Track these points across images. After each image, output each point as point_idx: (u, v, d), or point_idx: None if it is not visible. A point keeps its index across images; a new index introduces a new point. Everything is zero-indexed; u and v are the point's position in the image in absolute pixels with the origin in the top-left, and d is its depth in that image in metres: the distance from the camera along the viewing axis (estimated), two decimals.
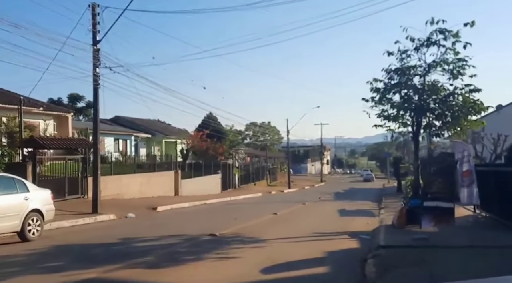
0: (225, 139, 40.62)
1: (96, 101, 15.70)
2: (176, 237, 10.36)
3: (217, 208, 20.79)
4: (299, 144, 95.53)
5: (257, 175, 44.53)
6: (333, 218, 16.13)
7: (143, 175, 24.21)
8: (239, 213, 18.03)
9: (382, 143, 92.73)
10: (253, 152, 61.30)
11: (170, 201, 21.87)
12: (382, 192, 35.03)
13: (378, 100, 13.87)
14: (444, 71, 12.89)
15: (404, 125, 14.29)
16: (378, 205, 22.21)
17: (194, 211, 18.93)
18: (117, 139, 33.56)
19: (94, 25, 15.36)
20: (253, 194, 32.86)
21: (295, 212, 18.46)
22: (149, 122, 41.61)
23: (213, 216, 16.73)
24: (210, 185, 31.95)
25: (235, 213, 18.01)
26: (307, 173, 77.02)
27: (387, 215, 16.55)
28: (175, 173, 27.04)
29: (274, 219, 15.22)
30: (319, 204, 23.16)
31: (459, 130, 13.21)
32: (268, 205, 22.30)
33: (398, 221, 12.37)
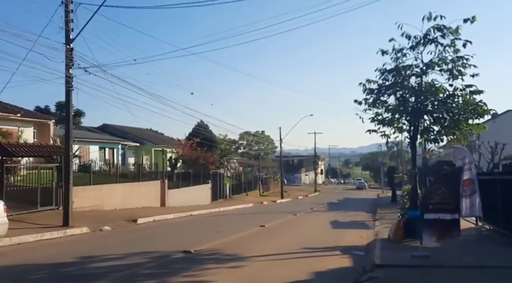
0: (216, 148, 39.31)
1: (68, 105, 14.43)
2: (145, 255, 9.03)
3: (202, 219, 19.43)
4: (294, 154, 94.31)
5: (250, 185, 43.17)
6: (325, 230, 14.85)
7: (126, 185, 22.81)
8: (225, 225, 16.71)
9: (376, 153, 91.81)
10: (246, 161, 59.98)
11: (153, 212, 20.48)
12: (376, 202, 33.81)
13: (372, 102, 12.76)
14: (443, 71, 11.80)
15: (400, 130, 13.16)
16: (372, 216, 20.96)
17: (177, 223, 17.56)
18: (103, 148, 32.17)
19: (67, 23, 14.16)
20: (244, 204, 31.47)
21: (285, 224, 17.15)
22: (139, 131, 40.29)
23: (195, 228, 15.38)
24: (199, 195, 30.55)
25: (220, 225, 16.67)
26: (301, 182, 75.67)
27: (383, 227, 15.30)
28: (161, 183, 25.66)
29: (261, 232, 13.91)
30: (311, 215, 21.86)
31: (459, 135, 12.06)
32: (257, 216, 20.97)
33: (395, 234, 11.13)
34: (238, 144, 74.17)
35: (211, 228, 15.03)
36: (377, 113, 12.93)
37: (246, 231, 13.90)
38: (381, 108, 12.86)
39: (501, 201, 10.92)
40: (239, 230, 13.98)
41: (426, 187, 12.68)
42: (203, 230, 14.33)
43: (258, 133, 72.98)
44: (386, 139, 13.40)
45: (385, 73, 12.44)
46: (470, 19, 11.09)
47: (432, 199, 8.72)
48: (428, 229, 8.70)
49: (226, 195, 35.65)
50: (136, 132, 39.46)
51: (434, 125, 12.41)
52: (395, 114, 12.63)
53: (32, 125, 24.51)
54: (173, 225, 16.91)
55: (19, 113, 21.96)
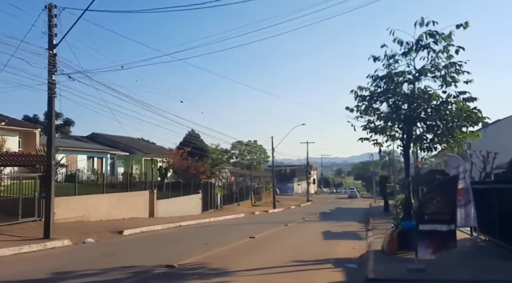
0: (207, 157, 38.75)
1: (51, 112, 13.88)
2: (124, 270, 8.47)
3: (191, 230, 18.82)
4: (287, 163, 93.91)
5: (241, 195, 42.54)
6: (317, 241, 14.35)
7: (113, 195, 22.16)
8: (214, 236, 16.15)
9: (368, 162, 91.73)
10: (239, 171, 59.40)
11: (141, 223, 19.84)
12: (368, 212, 33.40)
13: (364, 110, 12.40)
14: (436, 78, 11.51)
15: (393, 139, 12.80)
16: (365, 226, 20.52)
17: (164, 235, 16.94)
18: (91, 157, 31.48)
19: (50, 28, 13.69)
20: (235, 214, 30.86)
21: (276, 235, 16.62)
22: (129, 140, 39.61)
23: (182, 240, 14.78)
24: (189, 205, 29.90)
25: (209, 236, 16.12)
26: (294, 192, 75.13)
27: (376, 237, 14.86)
28: (149, 193, 25.01)
29: (250, 244, 13.37)
30: (302, 226, 21.35)
31: (452, 143, 11.73)
32: (248, 227, 20.40)
33: (389, 246, 10.69)
34: (230, 154, 73.60)
35: (199, 239, 14.45)
36: (369, 121, 12.57)
37: (235, 242, 13.36)
38: (373, 115, 12.51)
39: (497, 211, 10.57)
40: (228, 242, 13.43)
41: (420, 197, 12.30)
42: (191, 242, 13.76)
43: (251, 143, 72.52)
44: (379, 147, 13.02)
45: (377, 80, 12.12)
46: (462, 25, 10.85)
47: (427, 209, 8.31)
48: (423, 240, 8.27)
49: (217, 205, 35.01)
50: (126, 141, 38.79)
51: (427, 133, 12.07)
52: (388, 121, 12.28)
53: (17, 134, 23.84)
54: (160, 236, 16.29)
55: (3, 121, 21.30)
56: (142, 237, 15.96)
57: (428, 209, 8.30)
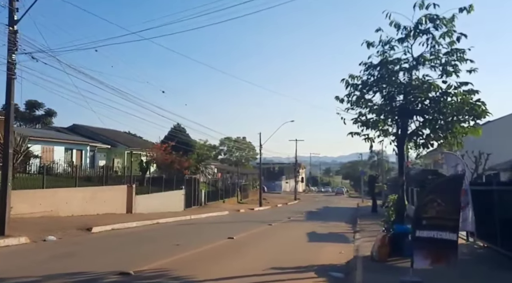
0: (192, 152, 37.27)
1: (9, 94, 12.32)
2: (70, 278, 7.09)
3: (167, 229, 17.45)
4: (276, 161, 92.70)
5: (227, 192, 41.19)
6: (300, 244, 13.09)
7: (88, 189, 20.64)
8: (189, 236, 14.81)
9: (356, 162, 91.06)
10: (226, 167, 57.99)
11: (116, 219, 18.38)
12: (356, 212, 32.34)
13: (355, 101, 11.13)
14: (435, 67, 10.29)
15: (385, 134, 11.54)
16: (352, 228, 19.36)
17: (136, 233, 15.54)
18: (70, 149, 29.77)
19: (12, 1, 12.18)
20: (219, 212, 29.51)
21: (257, 235, 15.33)
22: (112, 133, 37.94)
23: (153, 240, 13.40)
24: (172, 201, 28.47)
25: (184, 236, 14.78)
26: (282, 190, 73.99)
27: (364, 241, 13.67)
28: (128, 188, 23.53)
29: (227, 246, 12.05)
30: (287, 226, 20.09)
31: (451, 139, 10.52)
32: (229, 226, 19.09)
33: (379, 252, 9.47)
34: (219, 150, 72.20)
35: (172, 239, 13.08)
36: (361, 113, 11.30)
37: (211, 244, 12.03)
38: (365, 107, 11.25)
39: (499, 215, 9.42)
40: (203, 243, 12.09)
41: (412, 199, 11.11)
42: (162, 242, 12.38)
43: (239, 139, 71.17)
44: (370, 143, 11.73)
45: (371, 68, 10.86)
46: (466, 8, 9.64)
47: (426, 213, 7.08)
48: (421, 250, 7.04)
49: (201, 202, 33.62)
50: (108, 134, 37.11)
51: (424, 128, 10.85)
52: (381, 114, 11.03)
53: None
54: (132, 235, 14.89)
55: None
56: (111, 236, 14.54)
57: (426, 212, 7.07)
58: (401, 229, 10.16)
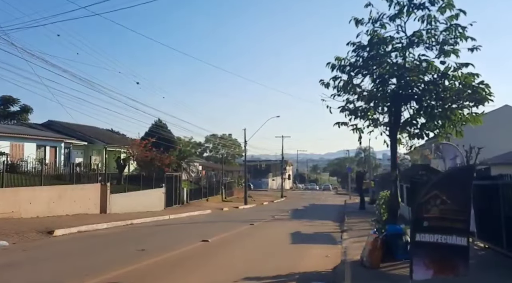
0: (174, 149, 35.69)
1: None
2: None
3: (139, 230, 15.98)
4: (264, 159, 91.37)
5: (211, 190, 39.72)
6: (282, 247, 11.78)
7: (55, 188, 19.00)
8: (160, 239, 13.39)
9: (343, 159, 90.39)
10: (212, 165, 56.50)
11: (84, 221, 16.84)
12: (344, 209, 31.24)
13: (343, 86, 9.86)
14: (432, 46, 9.07)
15: (376, 124, 10.30)
16: (340, 226, 18.16)
17: (103, 236, 14.06)
18: (42, 146, 27.91)
19: None
20: (201, 211, 28.07)
21: (236, 237, 13.97)
22: (89, 129, 36.13)
23: (118, 244, 11.94)
24: (151, 200, 26.91)
25: (154, 239, 13.37)
26: (268, 188, 72.74)
27: (352, 241, 12.46)
28: (101, 186, 21.92)
29: (198, 251, 10.66)
30: (270, 225, 18.78)
31: (449, 129, 9.33)
32: (208, 226, 17.72)
33: (371, 257, 8.22)
34: (204, 147, 70.68)
35: (140, 243, 11.65)
36: (348, 101, 10.06)
37: (181, 248, 10.64)
38: (353, 94, 10.00)
39: (506, 214, 8.26)
40: (172, 248, 10.69)
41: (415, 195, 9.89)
42: (126, 247, 10.92)
43: (225, 136, 69.71)
44: (359, 134, 10.49)
45: (360, 49, 9.60)
46: None
47: (428, 212, 5.82)
48: (421, 257, 5.79)
49: (183, 201, 32.10)
50: (86, 131, 35.29)
51: (419, 116, 9.64)
52: (371, 101, 9.80)
53: None
54: (97, 238, 13.39)
55: None
56: (74, 239, 13.02)
57: (428, 212, 5.82)
58: (394, 229, 8.96)
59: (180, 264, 8.62)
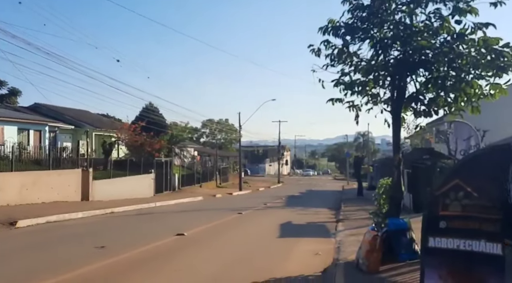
0: (165, 133, 34.06)
1: None
2: None
3: (116, 220, 14.50)
4: (262, 145, 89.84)
5: (205, 176, 38.26)
6: (267, 242, 10.27)
7: (29, 173, 17.50)
8: (130, 231, 11.91)
9: (342, 144, 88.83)
10: (208, 150, 54.94)
11: (59, 210, 15.35)
12: (341, 195, 29.84)
13: (337, 54, 8.17)
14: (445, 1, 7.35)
15: (375, 100, 8.64)
16: (335, 215, 16.69)
17: (73, 227, 12.56)
18: (26, 130, 26.29)
19: None
20: (192, 197, 26.64)
21: (218, 228, 12.44)
22: (77, 113, 34.44)
23: (82, 238, 10.40)
24: (139, 187, 25.45)
25: (126, 231, 11.93)
26: (265, 173, 71.37)
27: (348, 234, 10.98)
28: (82, 172, 20.41)
29: (168, 248, 9.13)
30: (260, 214, 17.30)
31: (463, 104, 7.69)
32: (192, 215, 16.26)
33: (369, 259, 6.69)
34: (201, 133, 69.04)
35: (104, 237, 10.16)
36: (343, 72, 8.37)
37: (149, 244, 9.12)
38: (349, 64, 8.32)
39: None
40: (139, 243, 9.19)
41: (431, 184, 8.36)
42: (87, 243, 9.38)
43: (222, 121, 67.99)
44: (356, 112, 8.81)
45: (358, 10, 7.88)
46: None
47: (446, 209, 4.26)
48: (436, 268, 4.25)
49: (174, 187, 30.67)
50: (74, 114, 33.63)
51: (427, 90, 7.97)
52: (370, 73, 8.12)
53: None
54: (63, 230, 11.90)
55: None
56: (35, 232, 11.52)
57: (447, 208, 4.25)
58: (397, 224, 7.41)
59: (138, 268, 7.09)
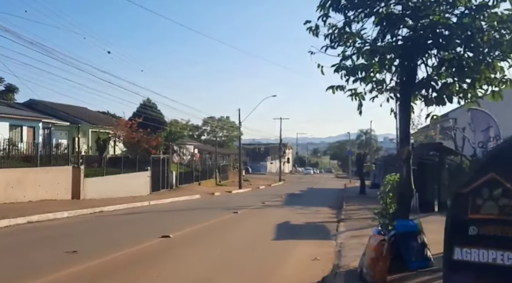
0: (163, 130, 33.13)
1: None
2: None
3: (100, 221, 13.55)
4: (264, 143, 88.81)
5: (205, 173, 37.31)
6: (260, 245, 9.29)
7: (14, 170, 16.60)
8: (111, 233, 10.91)
9: (344, 141, 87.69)
10: (208, 148, 54.01)
11: (45, 209, 14.44)
12: (343, 193, 28.84)
13: (338, 33, 7.17)
14: None
15: (380, 88, 7.63)
16: (336, 214, 15.70)
17: (52, 228, 11.62)
18: (18, 126, 25.42)
19: None
20: (189, 196, 25.73)
21: (208, 230, 11.43)
22: (74, 109, 33.57)
23: (54, 242, 9.42)
24: (135, 185, 24.51)
25: (106, 232, 10.97)
26: (267, 171, 70.34)
27: (350, 236, 9.99)
28: (73, 169, 19.49)
29: (148, 252, 8.16)
30: (257, 214, 16.32)
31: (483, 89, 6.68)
32: (185, 215, 15.32)
33: (374, 268, 5.69)
34: (202, 130, 68.15)
35: (82, 240, 9.23)
36: (345, 55, 7.36)
37: (128, 247, 8.15)
38: (351, 46, 7.31)
39: None
40: (118, 246, 8.23)
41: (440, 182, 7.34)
42: (60, 247, 8.40)
43: (223, 119, 67.01)
44: (359, 101, 7.79)
45: None
46: None
47: (478, 211, 3.26)
48: None
49: (172, 185, 29.72)
50: (70, 110, 32.77)
51: (439, 75, 6.96)
52: (375, 55, 7.12)
53: None
54: (41, 232, 10.95)
55: None
56: (12, 233, 10.59)
57: (478, 210, 3.26)
58: (407, 226, 6.42)
59: (106, 276, 6.13)
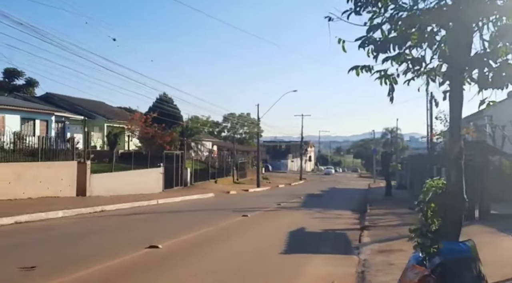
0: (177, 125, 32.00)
1: None
2: None
3: (97, 221, 12.32)
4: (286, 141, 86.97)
5: (222, 171, 36.00)
6: (267, 258, 7.67)
7: (12, 165, 15.65)
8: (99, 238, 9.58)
9: (368, 140, 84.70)
10: (227, 145, 52.75)
11: (42, 207, 13.40)
12: (367, 194, 26.85)
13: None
14: None
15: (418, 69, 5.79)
16: (360, 220, 13.91)
17: (35, 231, 10.43)
18: (31, 119, 24.76)
19: None
20: (203, 194, 24.43)
21: (206, 239, 9.84)
22: (90, 103, 32.92)
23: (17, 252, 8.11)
24: (146, 182, 23.43)
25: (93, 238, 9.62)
26: (288, 169, 68.51)
27: (377, 251, 8.24)
28: (78, 165, 18.45)
29: (124, 270, 6.70)
30: (270, 217, 14.69)
31: None
32: (190, 217, 13.94)
33: None
34: (223, 126, 66.99)
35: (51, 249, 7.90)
36: (373, 25, 5.56)
37: (102, 262, 6.70)
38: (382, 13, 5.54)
39: None
40: (90, 260, 6.82)
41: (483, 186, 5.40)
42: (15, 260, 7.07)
43: (243, 115, 65.64)
44: (390, 85, 5.93)
45: None
46: None
47: None
48: None
49: (186, 182, 28.52)
50: (86, 104, 32.13)
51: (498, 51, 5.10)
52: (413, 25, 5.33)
53: None
54: (19, 236, 9.74)
55: None
56: None
57: None
58: (456, 251, 4.65)
59: None
